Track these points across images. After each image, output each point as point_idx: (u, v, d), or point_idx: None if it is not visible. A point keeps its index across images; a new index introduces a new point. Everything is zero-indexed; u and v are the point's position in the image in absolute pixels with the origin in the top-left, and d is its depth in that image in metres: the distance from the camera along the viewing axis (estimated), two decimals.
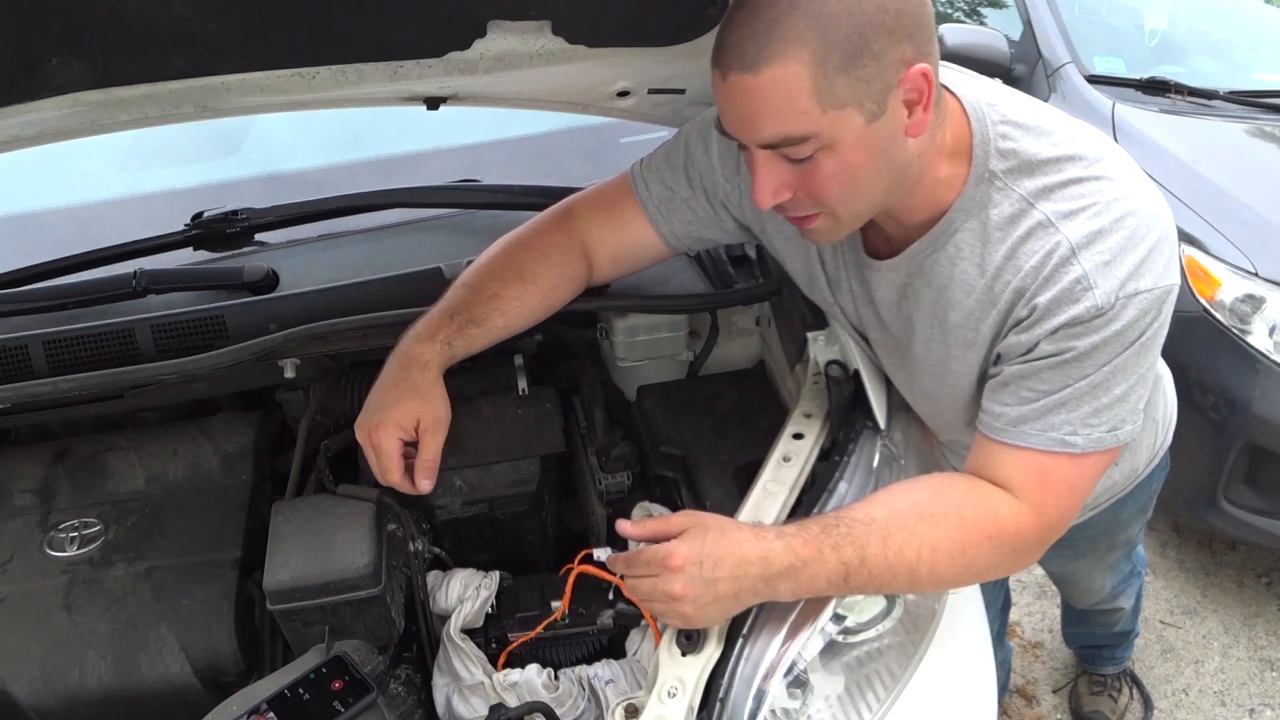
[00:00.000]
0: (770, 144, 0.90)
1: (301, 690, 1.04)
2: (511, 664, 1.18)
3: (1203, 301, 2.29)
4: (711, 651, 1.00)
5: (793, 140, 0.89)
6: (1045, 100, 1.70)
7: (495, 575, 1.26)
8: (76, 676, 1.16)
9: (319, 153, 2.03)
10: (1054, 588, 2.30)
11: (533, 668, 1.15)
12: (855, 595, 1.04)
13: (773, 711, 0.99)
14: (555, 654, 1.23)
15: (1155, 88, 2.94)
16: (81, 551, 1.26)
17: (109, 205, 1.90)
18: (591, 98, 1.38)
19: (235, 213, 1.61)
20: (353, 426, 1.15)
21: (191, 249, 1.61)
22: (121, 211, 1.85)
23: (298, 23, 0.97)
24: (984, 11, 3.97)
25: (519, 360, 1.44)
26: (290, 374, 1.35)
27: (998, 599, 1.83)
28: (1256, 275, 2.26)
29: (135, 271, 1.46)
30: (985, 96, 0.99)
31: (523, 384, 1.40)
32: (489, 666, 1.16)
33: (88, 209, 1.89)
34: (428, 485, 1.14)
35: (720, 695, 0.98)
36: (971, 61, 3.02)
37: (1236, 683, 2.38)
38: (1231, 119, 2.88)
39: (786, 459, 1.18)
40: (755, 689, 0.99)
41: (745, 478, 1.21)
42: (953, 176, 0.98)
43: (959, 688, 1.13)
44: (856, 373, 1.24)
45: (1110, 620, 2.07)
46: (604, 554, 1.19)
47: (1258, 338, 2.23)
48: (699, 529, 0.99)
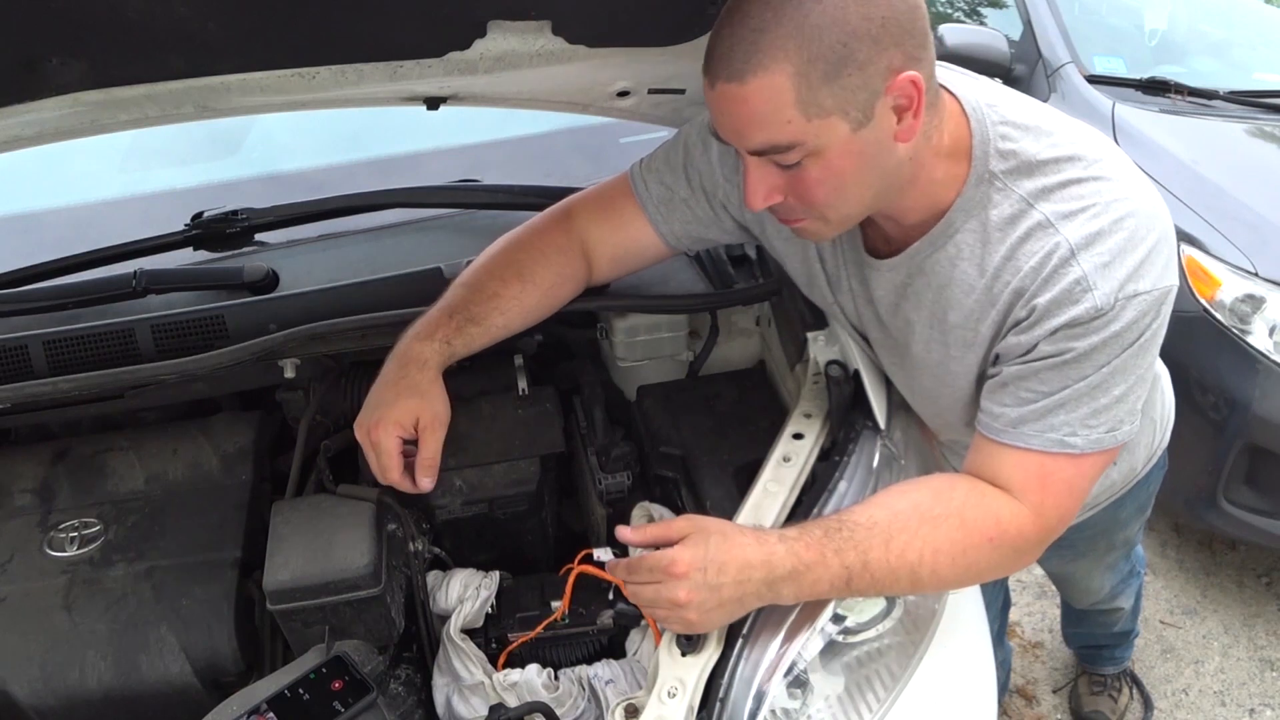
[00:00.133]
0: (757, 151, 0.92)
1: (301, 690, 1.04)
2: (511, 664, 1.18)
3: (1203, 301, 2.29)
4: (711, 652, 1.00)
5: (779, 148, 0.90)
6: (1045, 100, 1.70)
7: (495, 575, 1.26)
8: (76, 676, 1.16)
9: (319, 153, 2.03)
10: (1054, 588, 2.30)
11: (533, 668, 1.15)
12: (856, 597, 1.04)
13: (773, 711, 0.99)
14: (555, 654, 1.23)
15: (1155, 88, 2.94)
16: (81, 551, 1.26)
17: (109, 205, 1.90)
18: (591, 98, 1.38)
19: (235, 213, 1.61)
20: (352, 426, 1.15)
21: (191, 249, 1.61)
22: (121, 211, 1.85)
23: (298, 23, 0.97)
24: (984, 11, 3.97)
25: (519, 360, 1.44)
26: (290, 374, 1.35)
27: (998, 599, 1.83)
28: (1256, 275, 2.26)
29: (135, 271, 1.46)
30: (985, 97, 0.99)
31: (523, 384, 1.40)
32: (489, 666, 1.16)
33: (88, 209, 1.89)
34: (428, 484, 1.14)
35: (720, 695, 0.97)
36: (971, 61, 3.03)
37: (1236, 683, 2.38)
38: (1231, 119, 2.88)
39: (786, 459, 1.18)
40: (755, 689, 0.99)
41: (745, 478, 1.21)
42: (951, 177, 0.98)
43: (959, 688, 1.13)
44: (856, 373, 1.24)
45: (1110, 620, 2.07)
46: (604, 554, 1.20)
47: (1258, 338, 2.23)
48: (701, 534, 0.98)
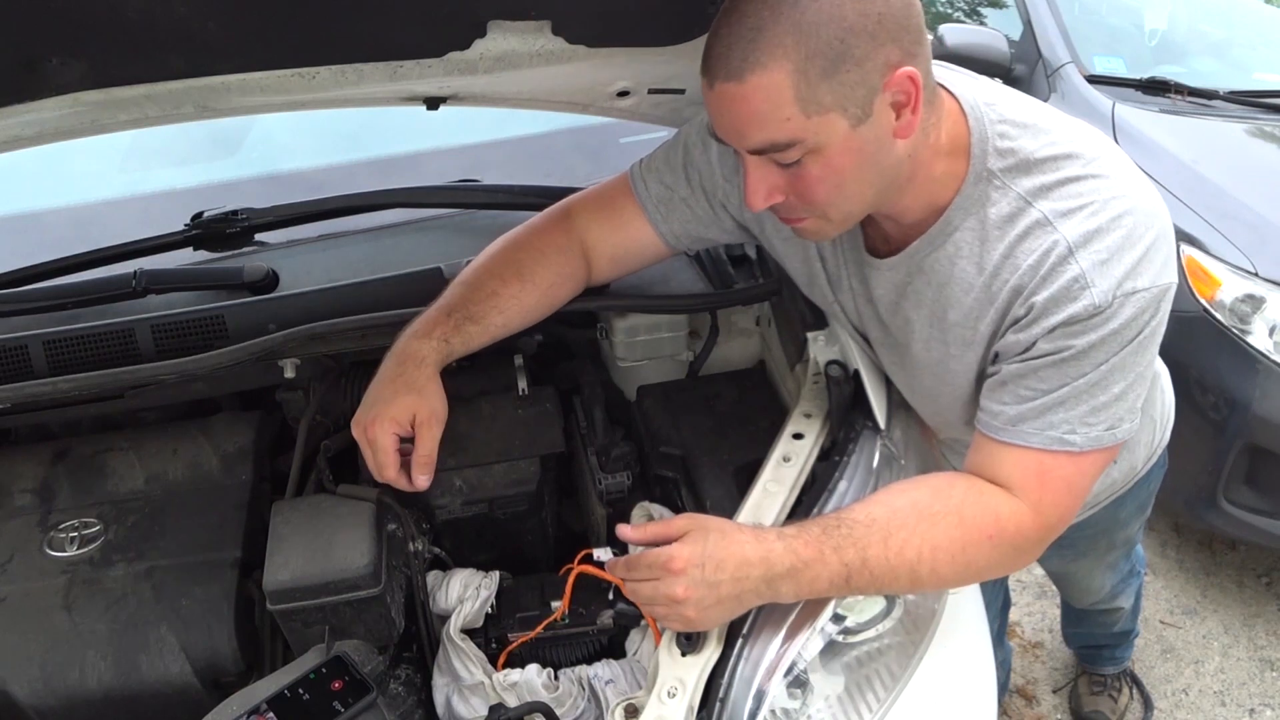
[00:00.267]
0: (757, 150, 0.91)
1: (301, 690, 1.04)
2: (511, 664, 1.18)
3: (1203, 301, 2.29)
4: (711, 651, 1.00)
5: (778, 146, 0.90)
6: (1045, 100, 1.70)
7: (495, 575, 1.26)
8: (76, 676, 1.16)
9: (319, 153, 2.03)
10: (1054, 588, 2.30)
11: (533, 668, 1.15)
12: (856, 595, 1.04)
13: (773, 711, 0.99)
14: (555, 654, 1.23)
15: (1155, 88, 2.94)
16: (81, 551, 1.26)
17: (109, 205, 1.90)
18: (591, 98, 1.39)
19: (235, 213, 1.61)
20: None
21: (191, 249, 1.61)
22: (121, 211, 1.85)
23: (298, 23, 0.97)
24: (984, 11, 3.97)
25: (519, 360, 1.44)
26: (290, 374, 1.35)
27: (998, 599, 1.83)
28: (1256, 275, 2.26)
29: (135, 271, 1.46)
30: (983, 96, 0.99)
31: (523, 384, 1.40)
32: (489, 666, 1.16)
33: (88, 209, 1.88)
34: (424, 481, 1.14)
35: (720, 695, 0.97)
36: (971, 61, 3.02)
37: (1236, 683, 2.38)
38: (1231, 119, 2.88)
39: (786, 459, 1.18)
40: (755, 689, 0.99)
41: (745, 478, 1.21)
42: (950, 175, 0.98)
43: (959, 688, 1.13)
44: (856, 372, 1.24)
45: (1110, 620, 2.07)
46: (604, 554, 1.20)
47: (1258, 338, 2.23)
48: (700, 531, 0.98)
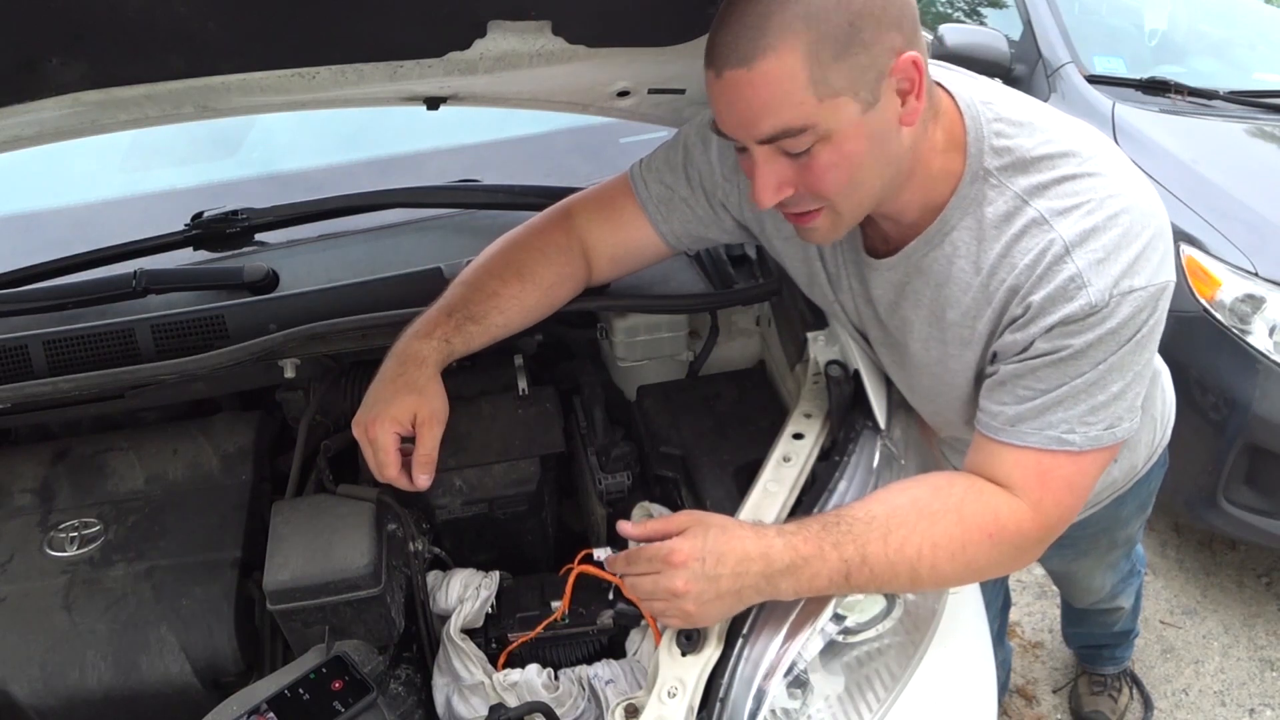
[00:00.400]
0: (769, 138, 0.90)
1: (301, 690, 1.04)
2: (511, 664, 1.18)
3: (1203, 301, 2.29)
4: (711, 651, 1.00)
5: (791, 131, 0.88)
6: (1045, 100, 1.70)
7: (495, 575, 1.26)
8: (76, 676, 1.16)
9: (319, 153, 2.03)
10: (1054, 588, 2.30)
11: (533, 668, 1.15)
12: (856, 594, 1.04)
13: (773, 711, 0.99)
14: (555, 654, 1.23)
15: (1155, 88, 2.94)
16: (81, 551, 1.26)
17: (109, 205, 1.90)
18: (591, 98, 1.39)
19: (235, 213, 1.61)
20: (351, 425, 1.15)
21: (191, 249, 1.61)
22: (121, 211, 1.85)
23: (298, 23, 0.97)
24: (984, 11, 3.97)
25: (519, 360, 1.44)
26: (290, 374, 1.35)
27: (998, 599, 1.83)
28: (1256, 275, 2.26)
29: (135, 271, 1.46)
30: (979, 94, 0.99)
31: (523, 384, 1.40)
32: (489, 666, 1.16)
33: (88, 209, 1.89)
34: (425, 480, 1.14)
35: (720, 695, 0.98)
36: (971, 61, 3.03)
37: (1236, 683, 2.38)
38: (1231, 119, 2.88)
39: (786, 459, 1.18)
40: (755, 689, 0.99)
41: (745, 478, 1.21)
42: (947, 173, 0.98)
43: (959, 688, 1.13)
44: (856, 372, 1.24)
45: (1110, 620, 2.07)
46: (604, 554, 1.19)
47: (1258, 338, 2.23)
48: (701, 527, 0.99)
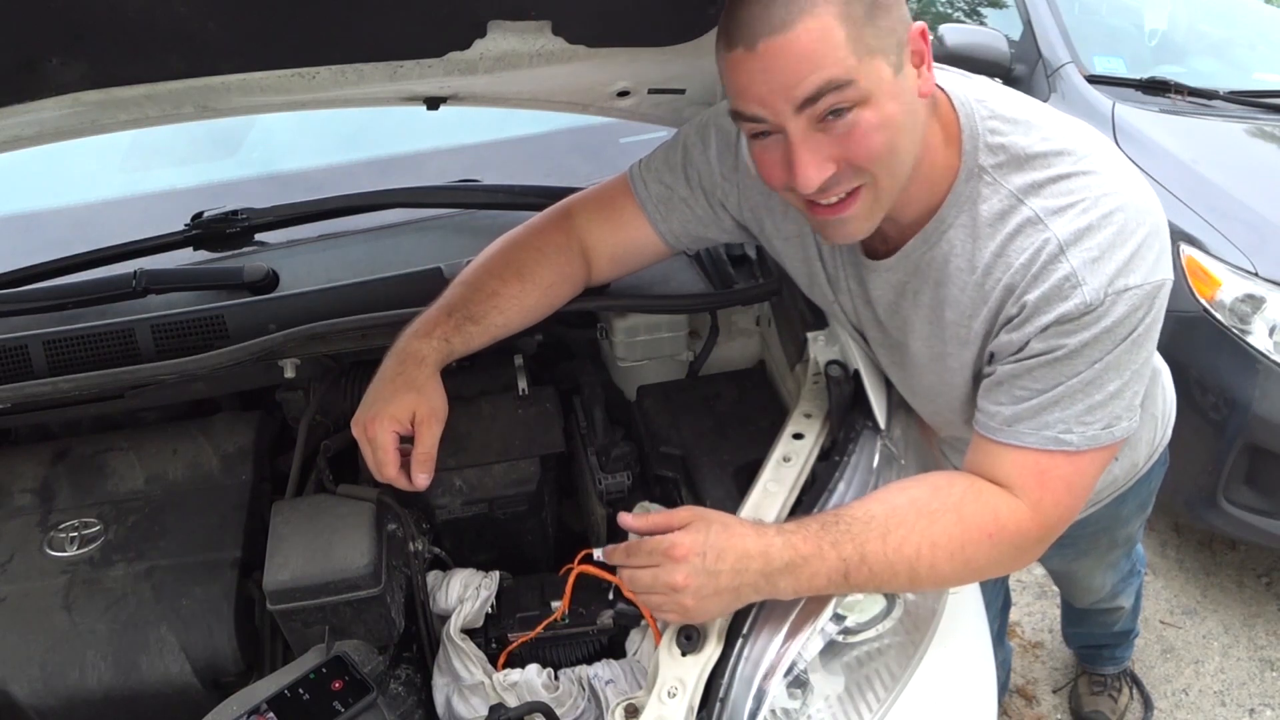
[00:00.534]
0: (812, 95, 0.87)
1: (301, 690, 1.04)
2: (511, 664, 1.18)
3: (1203, 301, 2.29)
4: (711, 651, 1.00)
5: (836, 83, 0.86)
6: (1045, 100, 1.70)
7: (495, 575, 1.26)
8: (76, 676, 1.16)
9: (319, 153, 2.03)
10: (1054, 588, 2.30)
11: (533, 668, 1.15)
12: (856, 593, 1.04)
13: (773, 711, 0.99)
14: (555, 654, 1.23)
15: (1155, 88, 2.94)
16: (81, 551, 1.26)
17: (109, 205, 1.90)
18: (591, 98, 1.39)
19: (235, 213, 1.61)
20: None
21: (191, 249, 1.61)
22: (121, 211, 1.85)
23: (298, 23, 0.97)
24: (984, 11, 3.97)
25: (519, 360, 1.44)
26: (290, 374, 1.35)
27: (998, 599, 1.83)
28: (1256, 275, 2.26)
29: (135, 271, 1.46)
30: (974, 93, 0.99)
31: (523, 384, 1.40)
32: (489, 666, 1.16)
33: (88, 209, 1.89)
34: (424, 480, 1.14)
35: (720, 695, 0.97)
36: (971, 61, 3.03)
37: (1236, 683, 2.38)
38: (1231, 119, 2.88)
39: (786, 459, 1.18)
40: (755, 689, 0.99)
41: (745, 478, 1.21)
42: (944, 170, 0.98)
43: (959, 688, 1.13)
44: (856, 372, 1.24)
45: (1110, 619, 2.07)
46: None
47: (1258, 338, 2.23)
48: (702, 522, 0.99)
